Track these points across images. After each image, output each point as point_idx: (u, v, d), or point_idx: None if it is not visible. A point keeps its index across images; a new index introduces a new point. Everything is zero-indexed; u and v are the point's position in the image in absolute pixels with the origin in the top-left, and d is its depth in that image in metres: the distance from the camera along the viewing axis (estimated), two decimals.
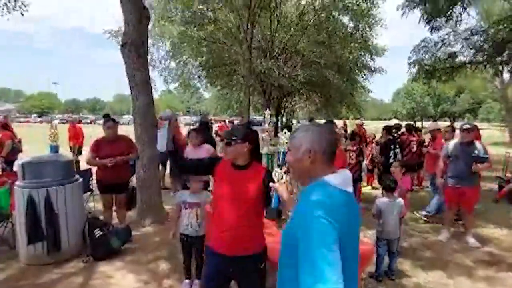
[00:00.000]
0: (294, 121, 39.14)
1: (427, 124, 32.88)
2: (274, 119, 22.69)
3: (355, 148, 6.16)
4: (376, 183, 7.92)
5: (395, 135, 7.23)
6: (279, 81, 17.39)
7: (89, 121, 52.67)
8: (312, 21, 17.67)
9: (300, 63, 18.72)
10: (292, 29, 17.44)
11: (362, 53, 20.46)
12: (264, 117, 2.72)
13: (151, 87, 5.41)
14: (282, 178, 3.33)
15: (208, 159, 2.57)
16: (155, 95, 6.65)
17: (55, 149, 4.19)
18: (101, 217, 4.73)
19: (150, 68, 8.59)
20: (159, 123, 5.88)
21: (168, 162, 7.30)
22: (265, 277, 2.26)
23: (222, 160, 2.29)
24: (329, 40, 17.74)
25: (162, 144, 5.54)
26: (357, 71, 20.89)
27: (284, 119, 30.81)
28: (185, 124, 26.38)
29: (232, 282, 2.25)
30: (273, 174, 2.14)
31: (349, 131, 10.80)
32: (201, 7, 14.60)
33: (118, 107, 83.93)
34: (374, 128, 21.72)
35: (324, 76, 18.41)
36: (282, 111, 27.49)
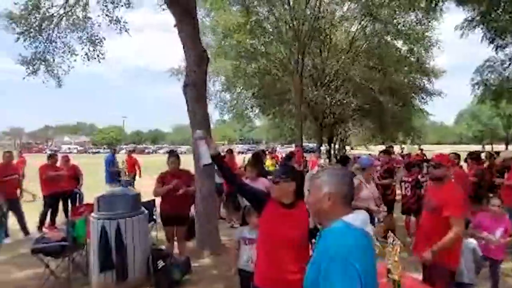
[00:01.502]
0: (348, 148, 38.09)
1: (499, 148, 29.84)
2: (327, 147, 22.34)
3: (410, 179, 5.85)
4: None
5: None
6: (331, 109, 17.27)
7: (151, 151, 56.81)
8: (363, 47, 17.55)
9: (352, 89, 18.49)
10: (342, 56, 17.45)
11: (419, 76, 19.66)
12: (320, 151, 2.65)
13: (209, 120, 5.73)
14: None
15: (263, 192, 2.62)
16: (211, 126, 7.00)
17: (126, 183, 4.55)
18: (163, 247, 4.95)
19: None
20: None
21: (223, 193, 7.48)
22: None
23: (272, 197, 2.32)
24: (381, 64, 17.42)
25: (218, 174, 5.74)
26: (414, 94, 20.03)
27: (337, 146, 30.16)
28: (238, 152, 27.00)
29: None
30: None
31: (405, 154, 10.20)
32: (252, 41, 15.30)
33: (176, 137, 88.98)
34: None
35: (377, 101, 17.94)
36: (335, 138, 27.00)
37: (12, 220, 6.34)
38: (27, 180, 8.87)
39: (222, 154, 7.49)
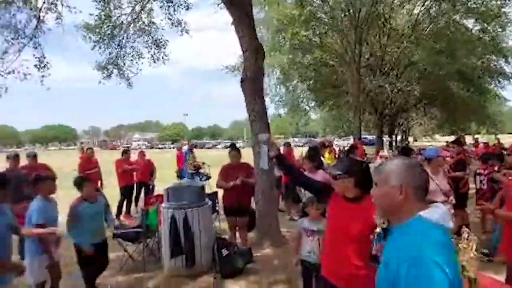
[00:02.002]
0: (410, 139, 35.83)
1: None
2: (388, 138, 21.29)
3: (486, 171, 5.35)
4: None
5: None
6: (392, 98, 16.38)
7: (210, 145, 59.78)
8: (428, 29, 16.30)
9: (415, 76, 17.32)
10: (404, 41, 16.39)
11: (494, 58, 17.72)
12: (382, 142, 2.54)
13: (267, 114, 5.84)
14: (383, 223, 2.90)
15: (323, 184, 2.64)
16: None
17: (191, 176, 4.87)
18: (226, 237, 5.21)
19: None
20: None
21: (282, 186, 7.57)
22: None
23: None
24: (449, 47, 16.00)
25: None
26: (488, 78, 18.12)
27: (398, 138, 28.54)
28: (295, 146, 26.93)
29: None
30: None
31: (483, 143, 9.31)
32: (307, 33, 15.08)
33: (234, 132, 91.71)
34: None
35: (445, 87, 16.58)
36: (396, 129, 25.58)
37: None
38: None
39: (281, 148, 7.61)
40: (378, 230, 1.91)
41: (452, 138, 13.95)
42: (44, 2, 7.45)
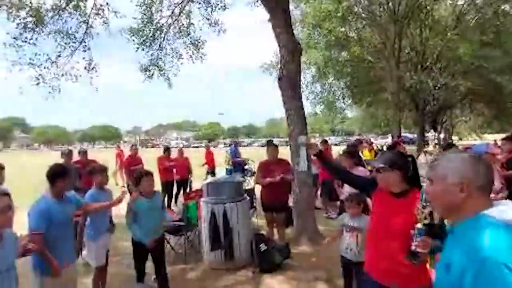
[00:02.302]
0: (455, 138, 33.93)
1: None
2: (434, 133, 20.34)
3: None
4: None
5: None
6: (434, 94, 15.63)
7: (246, 144, 60.56)
8: (474, 21, 15.36)
9: (460, 70, 16.39)
10: (448, 34, 15.55)
11: None
12: (424, 140, 2.44)
13: (304, 113, 5.82)
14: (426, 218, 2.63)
15: (366, 179, 2.63)
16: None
17: (229, 171, 4.98)
18: (264, 233, 5.27)
19: None
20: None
21: (319, 183, 7.51)
22: None
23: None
24: (498, 39, 14.97)
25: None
26: None
27: (441, 136, 27.14)
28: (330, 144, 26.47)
29: None
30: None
31: None
32: (343, 29, 14.78)
33: (269, 131, 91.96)
34: None
35: (494, 82, 15.54)
36: (439, 127, 24.33)
37: None
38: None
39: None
40: (419, 225, 1.86)
41: (502, 136, 13.04)
42: (92, 8, 7.96)
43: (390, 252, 2.06)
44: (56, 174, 2.84)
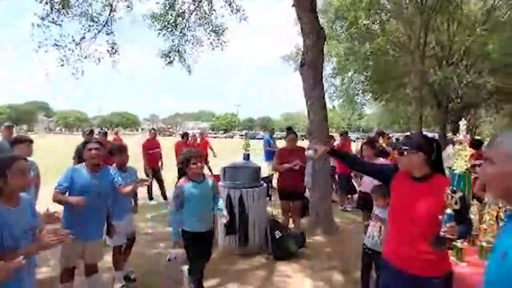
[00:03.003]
0: (478, 138, 32.83)
1: None
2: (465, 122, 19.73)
3: None
4: None
5: None
6: (459, 92, 15.11)
7: (261, 136, 60.90)
8: (505, 16, 14.70)
9: (488, 68, 15.75)
10: (477, 29, 14.94)
11: None
12: (459, 128, 2.36)
13: (325, 102, 5.70)
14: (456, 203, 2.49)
15: (382, 166, 2.69)
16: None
17: (247, 157, 4.94)
18: (280, 220, 5.22)
19: None
20: None
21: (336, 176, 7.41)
22: None
23: (400, 170, 2.15)
24: None
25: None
26: None
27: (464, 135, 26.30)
28: None
29: None
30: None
31: None
32: (366, 22, 14.40)
33: (285, 124, 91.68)
34: None
35: None
36: (461, 125, 23.56)
37: (154, 187, 7.56)
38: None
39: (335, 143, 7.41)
40: (449, 211, 1.76)
41: None
42: None
43: (411, 238, 1.98)
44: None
